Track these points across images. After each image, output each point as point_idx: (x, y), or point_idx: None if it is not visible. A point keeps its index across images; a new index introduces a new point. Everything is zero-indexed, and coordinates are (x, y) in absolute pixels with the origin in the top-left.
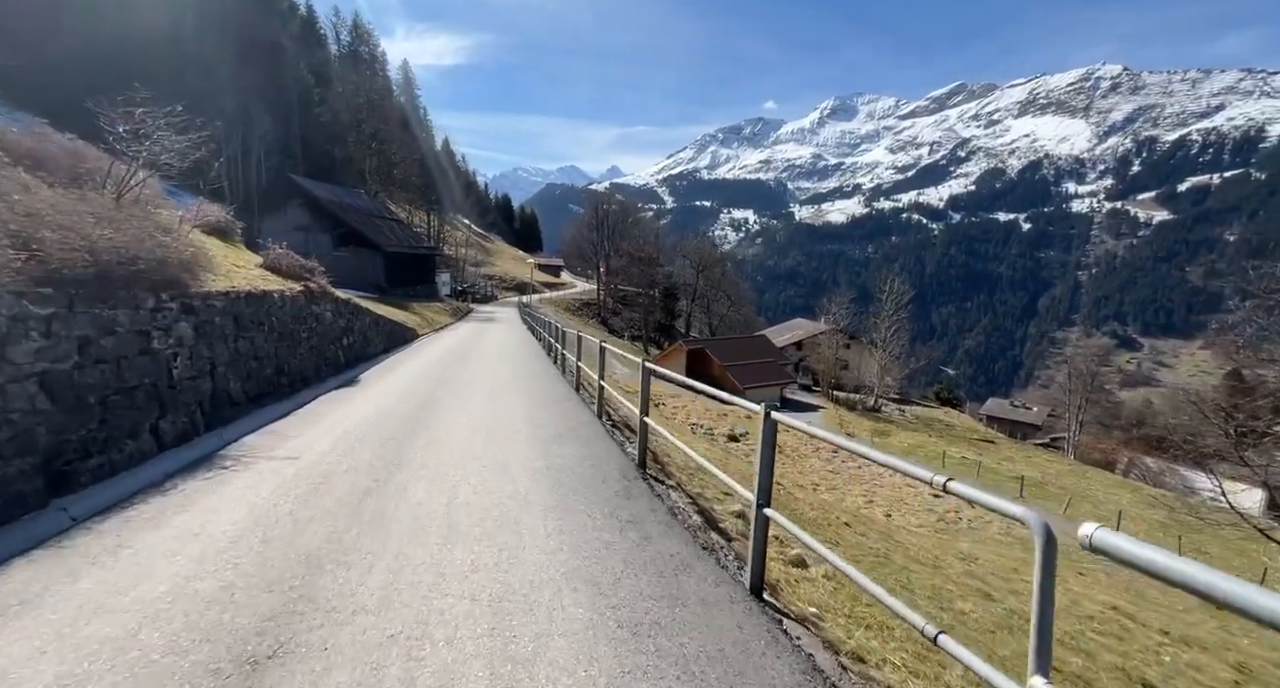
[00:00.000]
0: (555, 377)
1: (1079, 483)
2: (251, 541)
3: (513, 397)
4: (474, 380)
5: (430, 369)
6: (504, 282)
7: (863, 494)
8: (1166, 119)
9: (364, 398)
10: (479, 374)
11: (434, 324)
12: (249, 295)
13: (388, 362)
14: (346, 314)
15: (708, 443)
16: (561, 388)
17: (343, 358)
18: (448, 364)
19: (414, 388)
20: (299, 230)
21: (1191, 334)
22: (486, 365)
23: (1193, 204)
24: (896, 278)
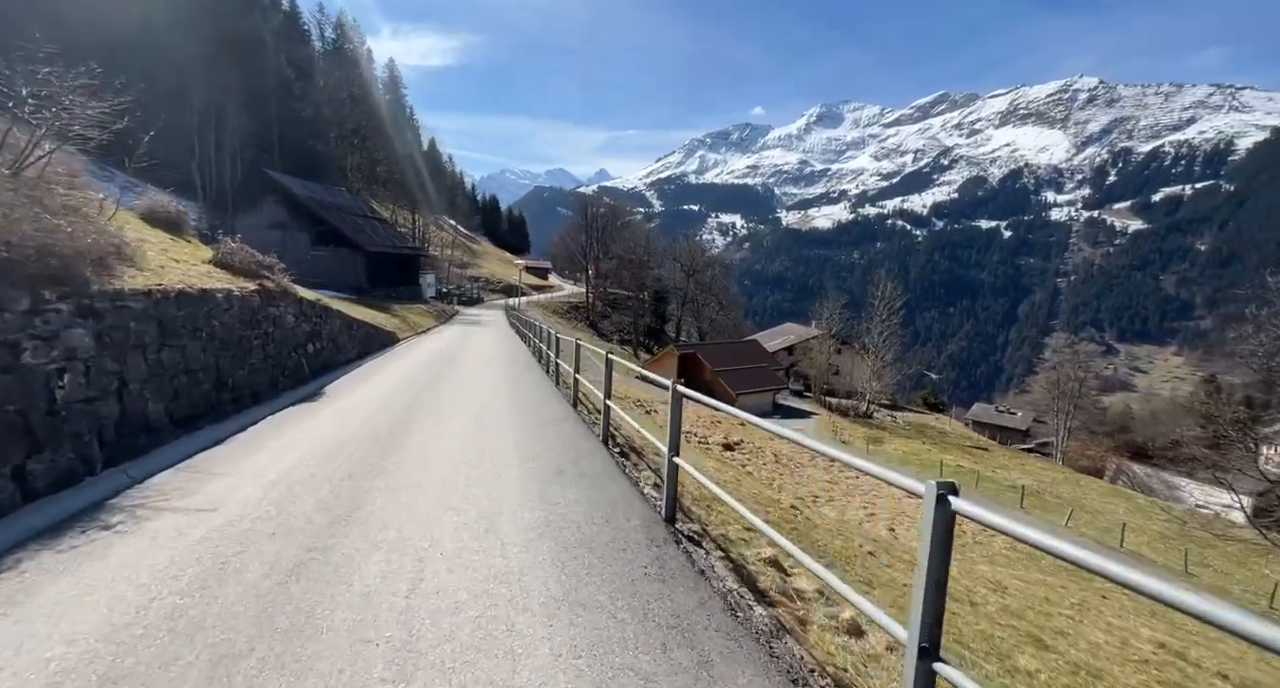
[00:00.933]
0: (549, 390)
1: (1075, 492)
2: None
3: (500, 416)
4: (456, 394)
5: (407, 380)
6: (490, 284)
7: (863, 506)
8: (1141, 131)
9: (324, 418)
10: (462, 386)
11: (416, 328)
12: (181, 295)
13: (361, 370)
14: (313, 317)
15: (702, 453)
16: (557, 405)
17: (307, 367)
18: (428, 374)
19: (386, 404)
20: (275, 228)
21: (1165, 341)
22: (471, 375)
23: (1166, 214)
24: (888, 282)
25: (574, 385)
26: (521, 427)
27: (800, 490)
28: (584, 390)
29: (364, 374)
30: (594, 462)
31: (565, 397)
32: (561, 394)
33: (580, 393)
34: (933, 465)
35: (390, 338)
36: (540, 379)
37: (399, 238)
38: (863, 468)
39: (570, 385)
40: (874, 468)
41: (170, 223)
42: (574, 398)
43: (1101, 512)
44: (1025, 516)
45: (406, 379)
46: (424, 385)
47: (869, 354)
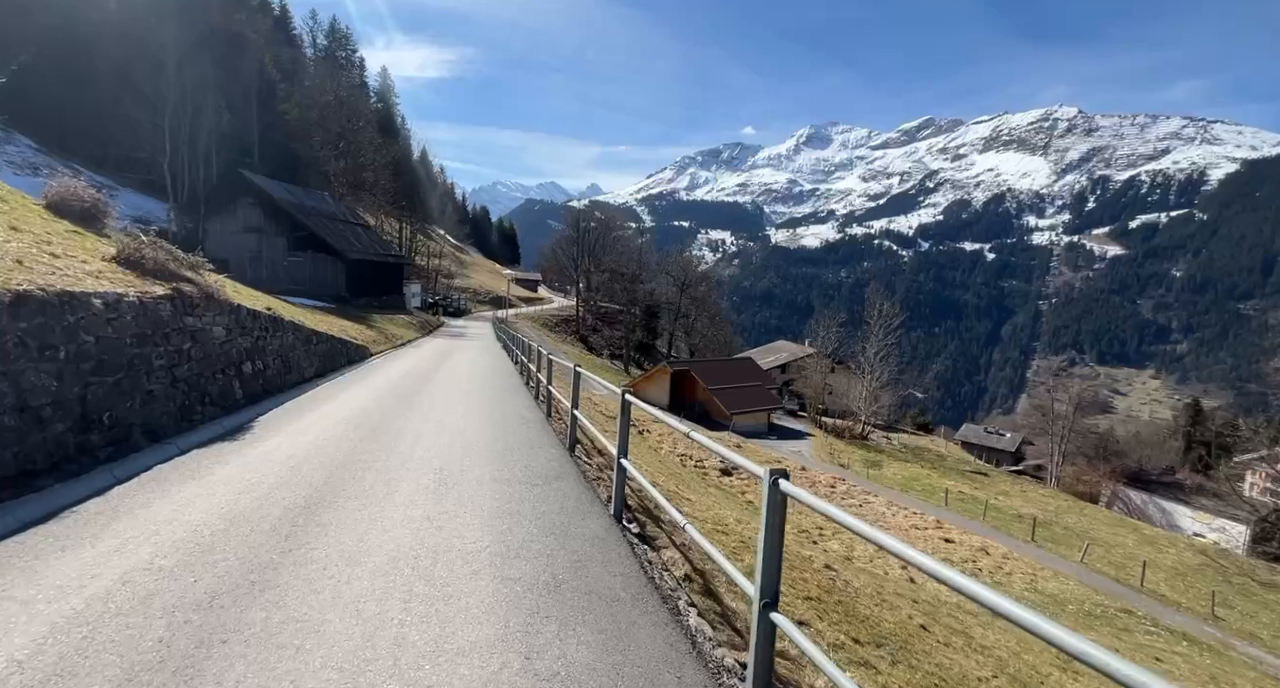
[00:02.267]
0: (540, 427)
1: (1080, 521)
2: None
3: (476, 471)
4: (420, 433)
5: (365, 410)
6: (479, 295)
7: (860, 541)
8: (1118, 160)
9: (230, 472)
10: (430, 421)
11: (395, 340)
12: (19, 301)
13: (313, 394)
14: (255, 330)
15: (700, 480)
16: (550, 450)
17: (240, 392)
18: (393, 401)
19: (323, 449)
20: (250, 232)
21: (1143, 364)
22: (445, 404)
23: (1143, 240)
24: (885, 300)
25: (571, 425)
26: (503, 495)
27: (803, 521)
28: (588, 435)
29: (314, 401)
30: (608, 562)
31: (558, 435)
32: (554, 430)
33: (581, 433)
34: (934, 492)
35: (362, 352)
36: (528, 409)
37: (383, 245)
38: (734, 459)
39: (566, 421)
40: (735, 456)
41: (85, 215)
42: (570, 439)
43: (1112, 544)
44: (1035, 548)
45: (367, 407)
46: (385, 416)
47: (865, 374)
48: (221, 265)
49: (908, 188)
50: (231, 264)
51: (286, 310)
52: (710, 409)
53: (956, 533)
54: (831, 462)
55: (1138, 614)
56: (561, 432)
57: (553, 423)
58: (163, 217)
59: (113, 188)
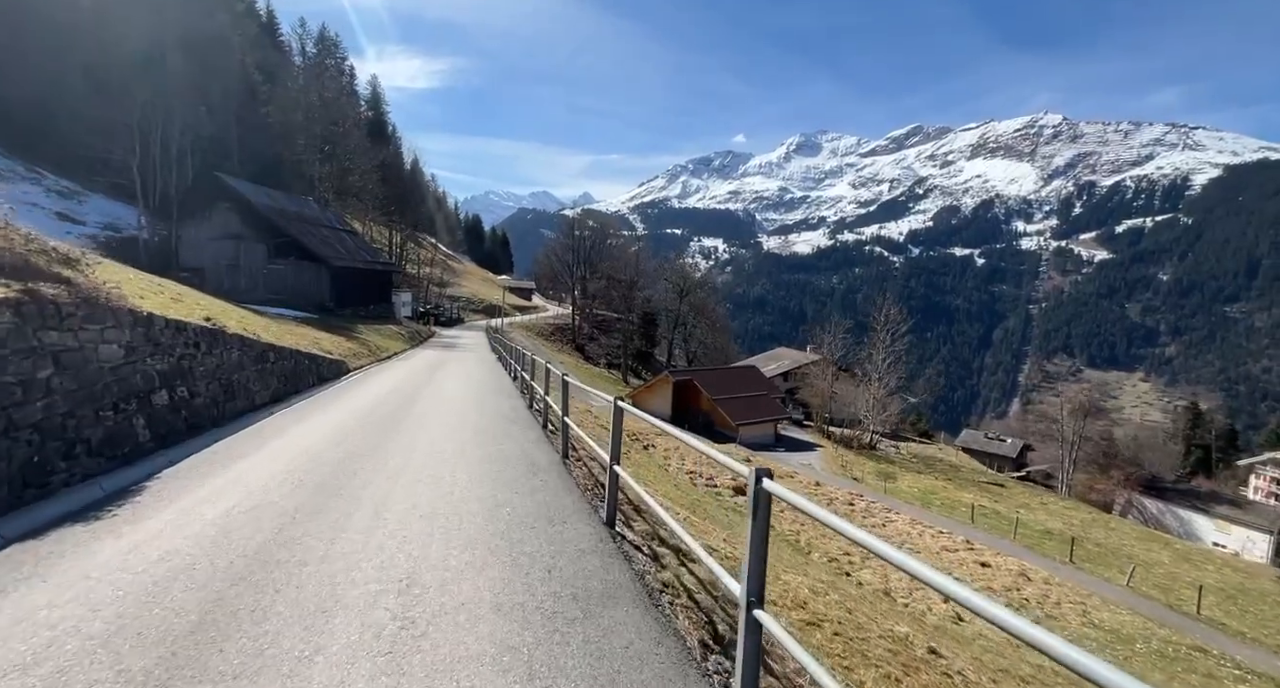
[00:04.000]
0: (557, 479)
1: (1110, 537)
2: None
3: (466, 586)
4: (387, 498)
5: (317, 454)
6: (472, 304)
7: (894, 568)
8: (1103, 166)
9: (69, 579)
10: (406, 472)
11: (379, 353)
12: None
13: (261, 426)
14: (177, 347)
15: (712, 500)
16: (583, 536)
17: (147, 433)
18: (360, 438)
19: (229, 537)
20: (229, 239)
21: (1132, 367)
22: (428, 443)
23: (1129, 244)
24: (891, 305)
25: (611, 488)
26: (514, 640)
27: (828, 546)
28: (630, 492)
29: (257, 437)
30: None
31: (586, 491)
32: (580, 486)
33: (619, 489)
34: (955, 507)
35: (337, 369)
36: (537, 446)
37: (371, 252)
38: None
39: (590, 464)
40: (718, 455)
41: None
42: (610, 507)
43: (1149, 563)
44: (1074, 570)
45: (312, 454)
46: (335, 471)
47: (871, 382)
48: (196, 274)
49: (898, 194)
50: (208, 272)
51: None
52: (715, 420)
53: (990, 554)
54: (844, 475)
55: (1212, 653)
56: (588, 486)
57: (571, 468)
58: (134, 223)
59: (82, 194)
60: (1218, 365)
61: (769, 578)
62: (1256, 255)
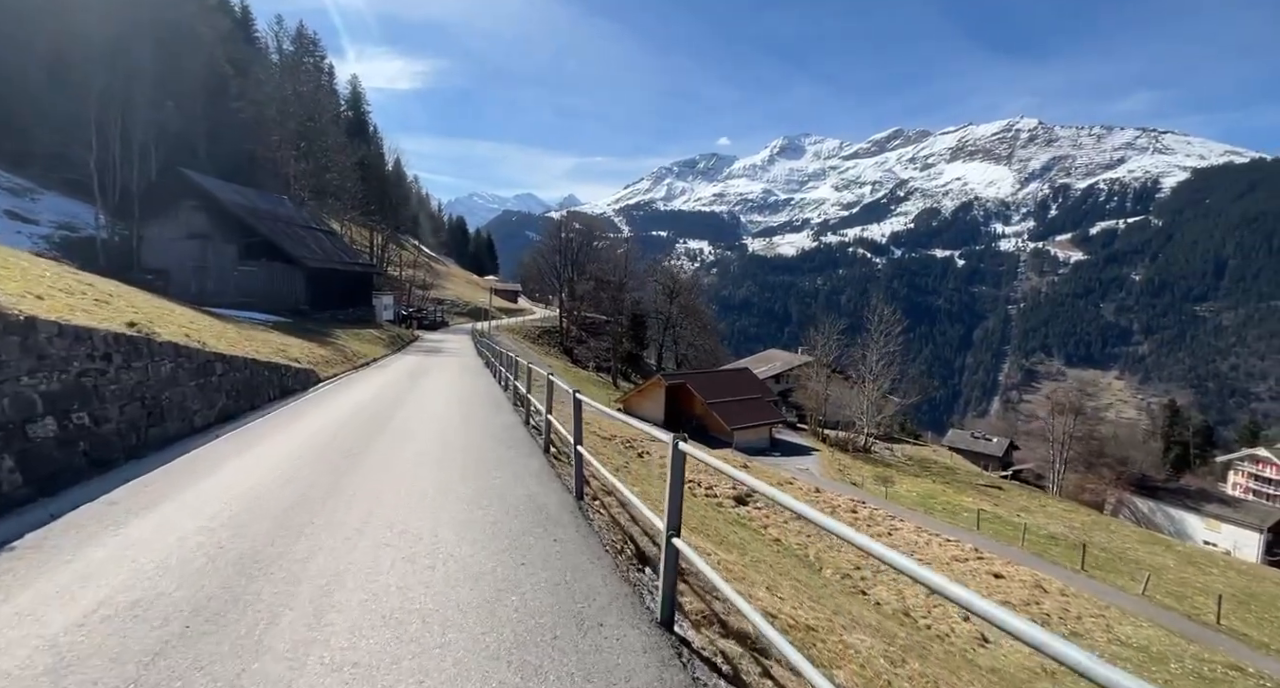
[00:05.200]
0: (574, 535)
1: (1112, 541)
2: None
3: None
4: (336, 580)
5: (256, 502)
6: (456, 307)
7: (908, 581)
8: (1077, 169)
9: None
10: (367, 533)
11: (356, 360)
12: None
13: (192, 457)
14: (74, 361)
15: (714, 513)
16: (597, 582)
17: (17, 476)
18: (314, 474)
19: (82, 665)
20: (195, 238)
21: (1107, 366)
22: (403, 481)
23: (1103, 246)
24: (886, 305)
25: (670, 570)
26: None
27: (838, 559)
28: (695, 577)
29: (184, 474)
30: None
31: (612, 549)
32: (602, 539)
33: (679, 577)
34: (957, 512)
35: (305, 379)
36: (540, 481)
37: (350, 253)
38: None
39: (618, 507)
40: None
41: None
42: (667, 598)
43: (1155, 567)
44: (1086, 578)
45: (248, 502)
46: (272, 532)
47: (865, 384)
48: (160, 276)
49: (879, 197)
50: (173, 275)
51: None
52: (709, 425)
53: (1001, 564)
54: (842, 479)
55: (1248, 671)
56: (620, 547)
57: (591, 515)
58: (92, 222)
59: (36, 191)
60: (1188, 363)
61: None
62: (1223, 256)
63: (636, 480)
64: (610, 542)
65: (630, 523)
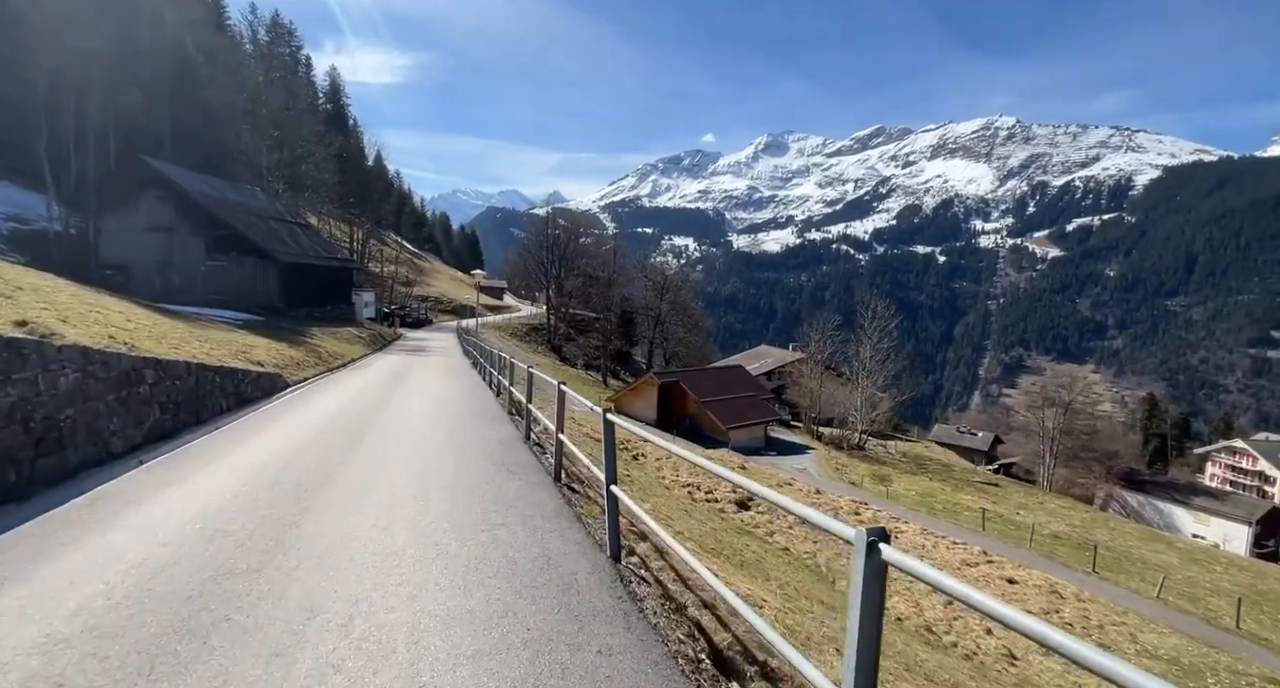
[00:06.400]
0: (599, 589)
1: (1114, 539)
2: None
3: None
4: None
5: (177, 561)
6: (441, 304)
7: (926, 591)
8: (1054, 166)
9: None
10: (327, 618)
11: (330, 361)
12: None
13: (94, 498)
14: None
15: (716, 518)
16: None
17: None
18: (267, 513)
19: None
20: (158, 231)
21: (1083, 359)
22: (377, 518)
23: (1079, 242)
24: (879, 300)
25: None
26: None
27: (848, 567)
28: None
29: (64, 532)
30: None
31: (657, 634)
32: (643, 612)
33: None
34: (957, 511)
35: (269, 385)
36: (553, 521)
37: (328, 247)
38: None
39: (642, 568)
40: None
41: None
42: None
43: (1160, 566)
44: (1098, 580)
45: (136, 590)
46: (182, 622)
47: (859, 380)
48: (121, 271)
49: (862, 194)
50: (135, 270)
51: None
52: (703, 424)
53: (1011, 567)
54: (840, 479)
55: None
56: (679, 640)
57: (636, 585)
58: (44, 213)
59: None
60: (1160, 357)
61: None
62: (1193, 252)
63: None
64: (675, 640)
65: (681, 586)
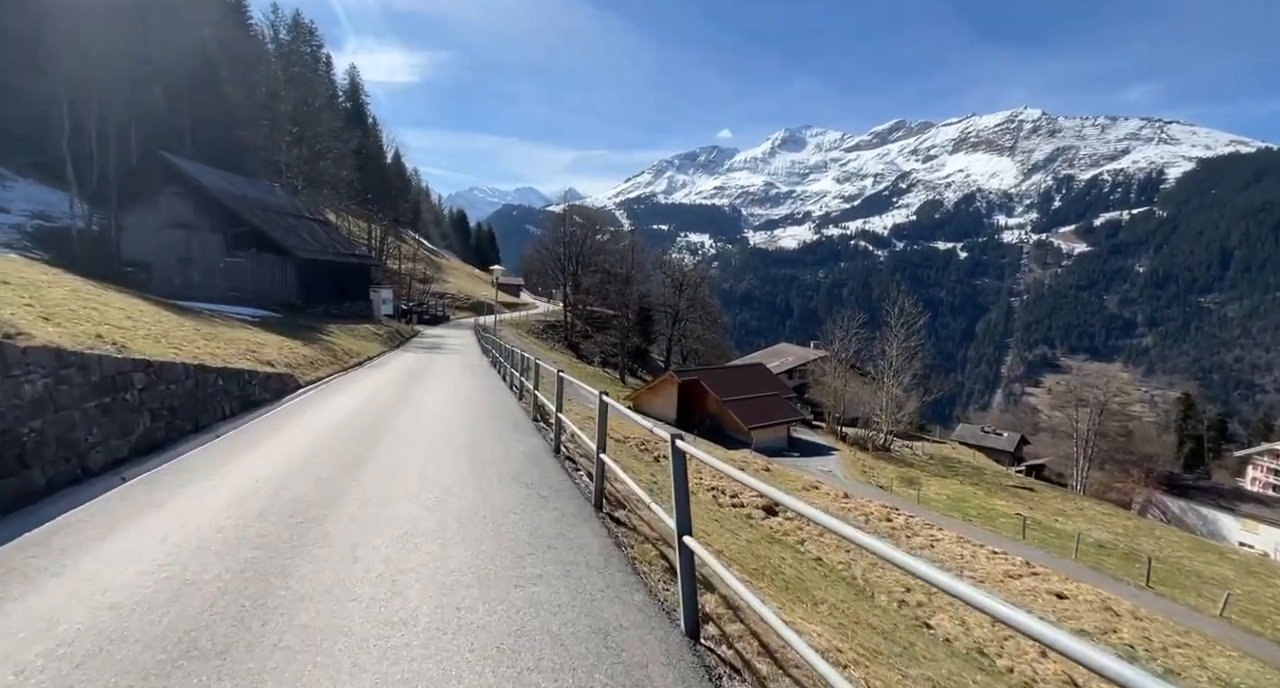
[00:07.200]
0: (676, 679)
1: (1161, 548)
2: None
3: None
4: None
5: (122, 639)
6: (458, 301)
7: (962, 619)
8: (1081, 160)
9: None
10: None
11: (346, 360)
12: None
13: (50, 533)
14: None
15: (745, 527)
16: None
17: None
18: (253, 557)
19: None
20: (177, 228)
21: (1111, 357)
22: (384, 566)
23: (1107, 237)
24: (905, 296)
25: None
26: None
27: (886, 579)
28: None
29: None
30: None
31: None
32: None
33: None
34: (993, 517)
35: (278, 386)
36: (603, 573)
37: (346, 244)
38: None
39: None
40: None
41: None
42: None
43: (1217, 580)
44: (1153, 596)
45: (90, 653)
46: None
47: (885, 379)
48: (142, 269)
49: (881, 189)
50: (156, 267)
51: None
52: (724, 423)
53: (1058, 580)
54: (868, 482)
55: None
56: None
57: (727, 678)
58: (68, 210)
59: (9, 178)
60: (1192, 355)
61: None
62: (1229, 247)
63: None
64: None
65: (770, 663)
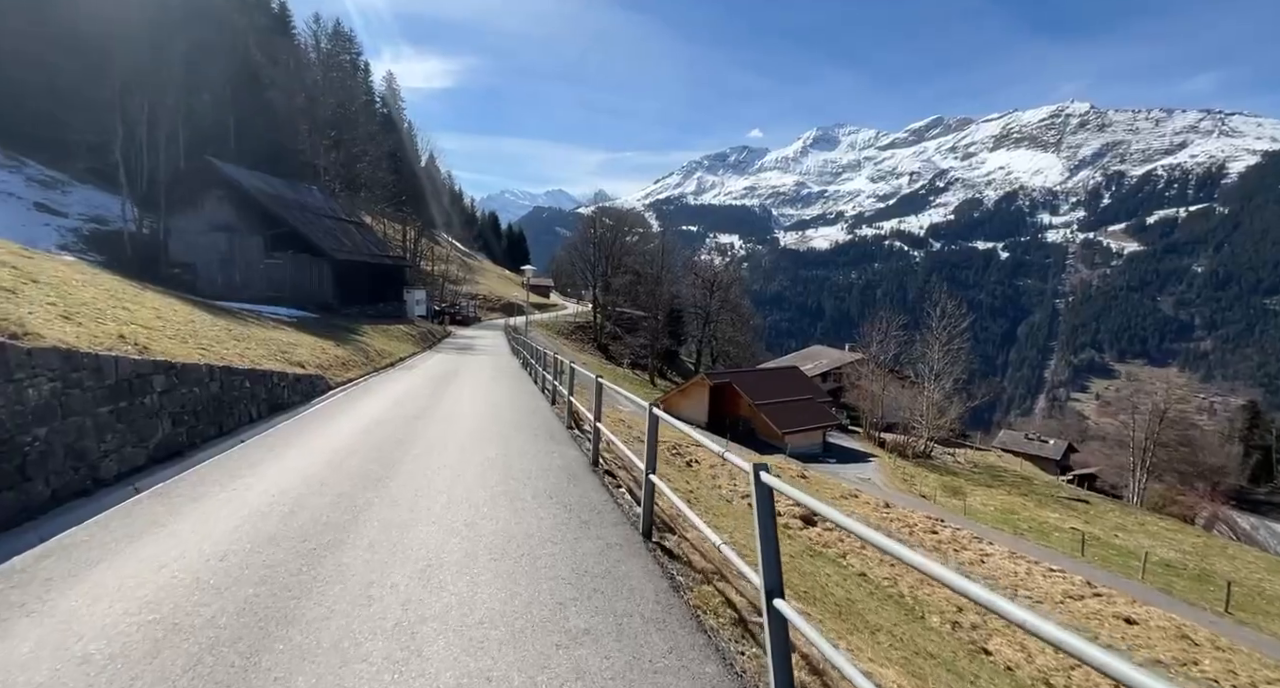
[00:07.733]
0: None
1: (1237, 569)
2: None
3: None
4: None
5: None
6: (489, 302)
7: (1021, 643)
8: (1133, 155)
9: None
10: None
11: (378, 361)
12: None
13: (35, 560)
14: None
15: (782, 538)
16: None
17: None
18: (254, 599)
19: None
20: (220, 230)
21: (1165, 362)
22: (402, 610)
23: (1161, 236)
24: (948, 298)
25: None
26: None
27: (935, 598)
28: None
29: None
30: None
31: None
32: None
33: None
34: (1046, 531)
35: (308, 388)
36: (661, 632)
37: (380, 245)
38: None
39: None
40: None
41: None
42: None
43: None
44: (1234, 623)
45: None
46: None
47: (925, 384)
48: (188, 270)
49: (917, 188)
50: (199, 268)
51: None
52: (757, 427)
53: (1124, 603)
54: (910, 491)
55: None
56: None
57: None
58: (120, 214)
59: (68, 183)
60: (1256, 360)
61: None
62: None
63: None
64: None
65: None
